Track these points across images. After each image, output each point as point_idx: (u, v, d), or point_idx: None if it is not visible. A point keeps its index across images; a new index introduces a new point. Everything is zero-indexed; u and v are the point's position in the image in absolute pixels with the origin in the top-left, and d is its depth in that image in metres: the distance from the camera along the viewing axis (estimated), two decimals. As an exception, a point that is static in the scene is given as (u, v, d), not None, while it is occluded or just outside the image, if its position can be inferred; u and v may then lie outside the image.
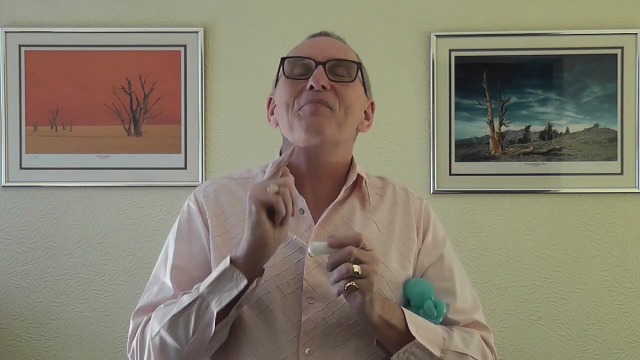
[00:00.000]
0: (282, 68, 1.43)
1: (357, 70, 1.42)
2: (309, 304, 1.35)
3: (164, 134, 2.78)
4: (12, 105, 2.78)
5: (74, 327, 2.79)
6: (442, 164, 2.75)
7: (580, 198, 2.75)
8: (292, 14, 2.77)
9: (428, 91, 2.76)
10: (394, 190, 1.51)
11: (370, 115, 1.51)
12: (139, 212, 2.79)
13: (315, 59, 1.39)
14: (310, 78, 1.38)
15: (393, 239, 1.44)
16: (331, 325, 1.34)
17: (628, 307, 2.76)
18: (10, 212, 2.80)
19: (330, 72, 1.39)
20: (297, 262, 1.37)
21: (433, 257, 1.47)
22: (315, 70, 1.38)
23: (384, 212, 1.47)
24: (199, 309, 1.28)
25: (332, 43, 1.46)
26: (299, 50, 1.45)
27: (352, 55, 1.46)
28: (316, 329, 1.34)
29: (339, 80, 1.40)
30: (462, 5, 2.78)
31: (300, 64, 1.42)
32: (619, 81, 2.74)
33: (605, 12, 2.76)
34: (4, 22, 2.80)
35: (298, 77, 1.41)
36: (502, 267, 2.76)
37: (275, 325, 1.34)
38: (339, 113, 1.39)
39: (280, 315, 1.34)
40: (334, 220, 1.42)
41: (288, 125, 1.41)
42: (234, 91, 2.79)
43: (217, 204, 1.45)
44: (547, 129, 2.76)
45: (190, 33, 2.77)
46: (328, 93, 1.38)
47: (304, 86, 1.39)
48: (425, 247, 1.47)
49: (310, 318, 1.34)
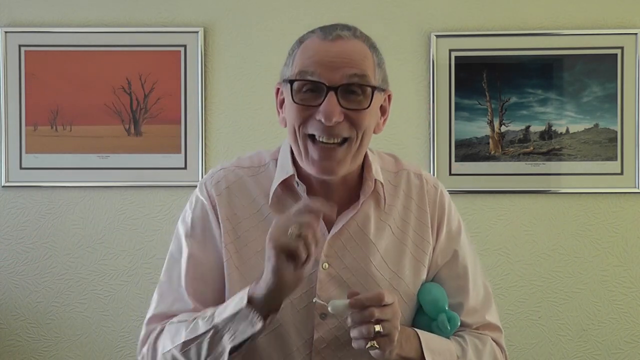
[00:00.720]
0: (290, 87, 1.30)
1: (373, 92, 1.30)
2: (321, 320, 1.32)
3: (164, 134, 2.78)
4: (12, 105, 2.78)
5: (73, 327, 2.79)
6: (442, 164, 2.75)
7: (580, 198, 2.75)
8: (292, 14, 2.77)
9: (428, 91, 2.76)
10: (408, 179, 1.44)
11: (387, 109, 1.40)
12: (139, 212, 2.79)
13: (327, 82, 1.26)
14: (321, 109, 1.26)
15: (407, 242, 1.40)
16: (343, 342, 1.32)
17: (628, 307, 2.76)
18: (10, 212, 2.80)
19: (343, 95, 1.27)
20: (310, 275, 1.32)
21: (447, 255, 1.44)
22: (326, 100, 1.26)
23: (398, 211, 1.41)
24: (212, 339, 1.25)
25: (346, 53, 1.29)
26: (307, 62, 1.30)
27: (368, 64, 1.31)
28: (328, 347, 1.33)
29: (353, 108, 1.28)
30: (462, 5, 2.78)
31: (310, 83, 1.29)
32: (619, 81, 2.74)
33: (605, 12, 2.76)
34: (4, 22, 2.80)
35: (306, 102, 1.29)
36: (502, 267, 2.76)
37: (288, 344, 1.33)
38: (355, 143, 1.30)
39: (293, 333, 1.32)
40: (348, 228, 1.37)
41: (297, 149, 1.33)
42: (234, 91, 2.79)
43: (230, 205, 1.39)
44: (547, 129, 2.76)
45: (190, 33, 2.77)
46: (341, 125, 1.27)
47: (313, 113, 1.28)
48: (439, 244, 1.43)
49: (322, 336, 1.32)
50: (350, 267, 1.35)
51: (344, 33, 1.31)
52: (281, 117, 1.38)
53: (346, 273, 1.35)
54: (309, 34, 1.34)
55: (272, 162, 1.42)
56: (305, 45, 1.33)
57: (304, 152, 1.32)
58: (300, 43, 1.34)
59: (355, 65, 1.29)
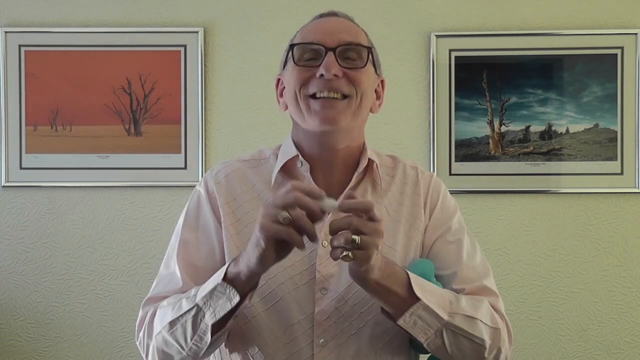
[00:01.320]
0: (292, 53, 1.38)
1: (368, 54, 1.38)
2: (321, 294, 1.35)
3: (164, 134, 2.78)
4: (12, 105, 2.78)
5: (73, 327, 2.79)
6: (442, 164, 2.75)
7: (580, 198, 2.76)
8: (292, 14, 2.77)
9: (428, 91, 2.76)
10: (404, 169, 1.49)
11: (381, 94, 1.47)
12: (139, 212, 2.79)
13: (325, 45, 1.35)
14: (321, 66, 1.34)
15: (401, 220, 1.43)
16: (344, 314, 1.34)
17: (628, 307, 2.76)
18: (10, 212, 2.80)
19: (340, 57, 1.35)
20: (310, 253, 1.36)
21: (440, 229, 1.44)
22: (326, 57, 1.34)
23: (394, 194, 1.45)
24: (195, 317, 1.28)
25: (341, 24, 1.42)
26: (307, 34, 1.40)
27: (362, 37, 1.41)
28: (329, 319, 1.34)
29: (351, 67, 1.36)
30: (462, 5, 2.78)
31: (310, 49, 1.37)
32: (619, 81, 2.74)
33: (605, 12, 2.76)
34: (4, 22, 2.80)
35: (308, 64, 1.36)
36: (502, 267, 2.76)
37: (289, 318, 1.34)
38: (355, 101, 1.36)
39: (294, 307, 1.34)
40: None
41: (298, 113, 1.38)
42: (234, 91, 2.79)
43: (228, 190, 1.43)
44: (547, 129, 2.76)
45: (190, 33, 2.77)
46: (341, 81, 1.34)
47: (313, 73, 1.35)
48: (432, 222, 1.45)
49: (323, 309, 1.34)
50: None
51: (339, 12, 1.46)
52: (282, 102, 1.45)
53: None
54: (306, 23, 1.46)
55: (272, 156, 1.47)
56: (304, 27, 1.44)
57: (305, 110, 1.36)
58: (298, 31, 1.44)
59: (351, 32, 1.40)
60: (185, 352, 1.31)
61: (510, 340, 1.38)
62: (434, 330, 1.28)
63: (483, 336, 1.30)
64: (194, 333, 1.28)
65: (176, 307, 1.31)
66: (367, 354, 1.35)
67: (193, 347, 1.30)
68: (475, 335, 1.30)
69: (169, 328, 1.31)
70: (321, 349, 1.34)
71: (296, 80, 1.36)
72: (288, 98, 1.40)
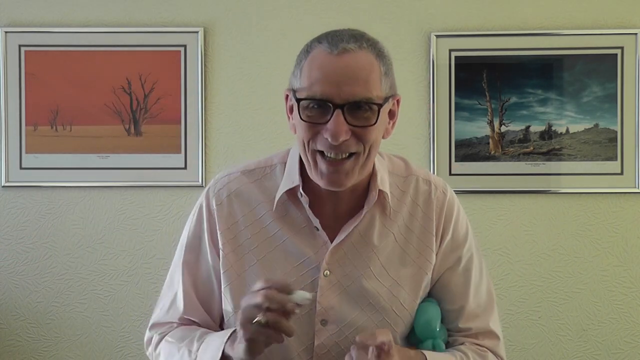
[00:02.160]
0: (298, 106, 1.30)
1: (379, 111, 1.29)
2: (321, 326, 1.34)
3: (164, 134, 2.78)
4: (12, 105, 2.78)
5: (74, 327, 2.79)
6: (442, 164, 2.75)
7: (580, 198, 2.75)
8: (292, 14, 2.77)
9: (428, 91, 2.76)
10: (416, 185, 1.44)
11: (396, 113, 1.38)
12: (139, 212, 2.79)
13: (333, 101, 1.26)
14: (328, 128, 1.26)
15: (409, 250, 1.40)
16: (344, 348, 1.33)
17: (628, 307, 2.76)
18: (10, 212, 2.80)
19: (349, 113, 1.26)
20: (312, 282, 1.35)
21: (450, 261, 1.43)
22: (333, 119, 1.25)
23: (404, 217, 1.41)
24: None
25: (352, 70, 1.27)
26: (314, 81, 1.28)
27: (374, 79, 1.29)
28: (329, 353, 1.34)
29: (360, 125, 1.27)
30: (462, 5, 2.78)
31: (317, 101, 1.27)
32: (619, 81, 2.74)
33: (605, 12, 2.76)
34: (4, 22, 2.80)
35: (314, 120, 1.28)
36: (502, 267, 2.76)
37: (289, 350, 1.34)
38: (362, 156, 1.30)
39: (294, 339, 1.31)
40: (351, 238, 1.38)
41: (306, 161, 1.33)
42: (234, 91, 2.79)
43: (230, 214, 1.41)
44: (547, 129, 2.76)
45: (190, 33, 2.77)
46: (349, 141, 1.27)
47: (320, 130, 1.28)
48: (442, 250, 1.43)
49: (323, 342, 1.34)
50: (350, 275, 1.37)
51: (350, 46, 1.29)
52: (291, 124, 1.37)
53: (346, 281, 1.36)
54: (316, 44, 1.31)
55: (279, 165, 1.43)
56: (312, 57, 1.30)
57: (312, 165, 1.32)
58: (308, 53, 1.32)
59: (361, 82, 1.27)
60: None
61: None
62: None
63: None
64: None
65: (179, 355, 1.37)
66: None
67: None
68: None
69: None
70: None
71: (304, 134, 1.30)
72: (298, 141, 1.34)
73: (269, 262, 1.37)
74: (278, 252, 1.38)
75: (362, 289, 1.36)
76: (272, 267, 1.37)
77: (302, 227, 1.38)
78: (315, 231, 1.37)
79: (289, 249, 1.37)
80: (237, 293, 1.36)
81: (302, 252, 1.36)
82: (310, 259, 1.35)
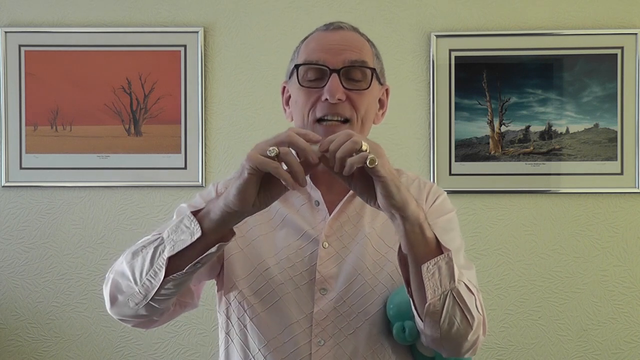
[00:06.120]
0: (297, 73, 1.40)
1: (372, 75, 1.40)
2: (321, 295, 1.38)
3: (164, 134, 2.78)
4: (12, 105, 2.78)
5: (74, 327, 2.79)
6: (442, 164, 2.75)
7: (580, 198, 2.75)
8: (292, 14, 2.77)
9: (428, 91, 2.76)
10: (406, 179, 1.51)
11: (385, 103, 1.50)
12: (139, 212, 2.79)
13: (329, 65, 1.37)
14: (325, 89, 1.36)
15: None
16: (342, 314, 1.37)
17: (628, 307, 2.76)
18: (10, 212, 2.80)
19: (345, 77, 1.38)
20: (311, 254, 1.40)
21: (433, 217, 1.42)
22: (330, 81, 1.36)
23: None
24: (155, 249, 1.25)
25: (346, 39, 1.41)
26: (311, 51, 1.41)
27: (367, 52, 1.42)
28: (328, 319, 1.37)
29: (354, 89, 1.38)
30: (462, 5, 2.78)
31: (314, 68, 1.39)
32: (619, 81, 2.74)
33: (605, 12, 2.76)
34: (4, 22, 2.80)
35: (312, 85, 1.39)
36: (502, 267, 2.76)
37: (289, 317, 1.37)
38: (355, 124, 1.39)
39: (293, 307, 1.37)
40: (347, 212, 1.44)
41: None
42: (234, 91, 2.79)
43: None
44: (547, 129, 2.76)
45: (190, 33, 2.77)
46: (344, 105, 1.37)
47: (319, 96, 1.38)
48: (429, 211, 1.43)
49: (322, 309, 1.37)
50: (348, 245, 1.41)
51: (344, 25, 1.44)
52: (288, 113, 1.48)
53: (345, 251, 1.41)
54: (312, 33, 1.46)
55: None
56: (308, 39, 1.45)
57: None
58: (304, 40, 1.46)
59: (355, 50, 1.40)
60: (137, 287, 1.27)
61: (484, 332, 1.36)
62: (442, 290, 1.23)
63: (473, 314, 1.28)
64: (151, 266, 1.25)
65: (141, 241, 1.31)
66: (363, 353, 1.37)
67: (146, 282, 1.25)
68: (469, 309, 1.27)
69: (130, 258, 1.29)
70: (319, 348, 1.36)
71: (304, 104, 1.39)
72: (296, 116, 1.43)
73: (271, 237, 1.42)
74: (280, 228, 1.43)
75: (359, 258, 1.40)
76: (274, 241, 1.42)
77: (302, 204, 1.44)
78: (315, 206, 1.43)
79: (290, 225, 1.43)
80: (236, 266, 1.41)
81: (302, 227, 1.42)
82: (310, 233, 1.41)
